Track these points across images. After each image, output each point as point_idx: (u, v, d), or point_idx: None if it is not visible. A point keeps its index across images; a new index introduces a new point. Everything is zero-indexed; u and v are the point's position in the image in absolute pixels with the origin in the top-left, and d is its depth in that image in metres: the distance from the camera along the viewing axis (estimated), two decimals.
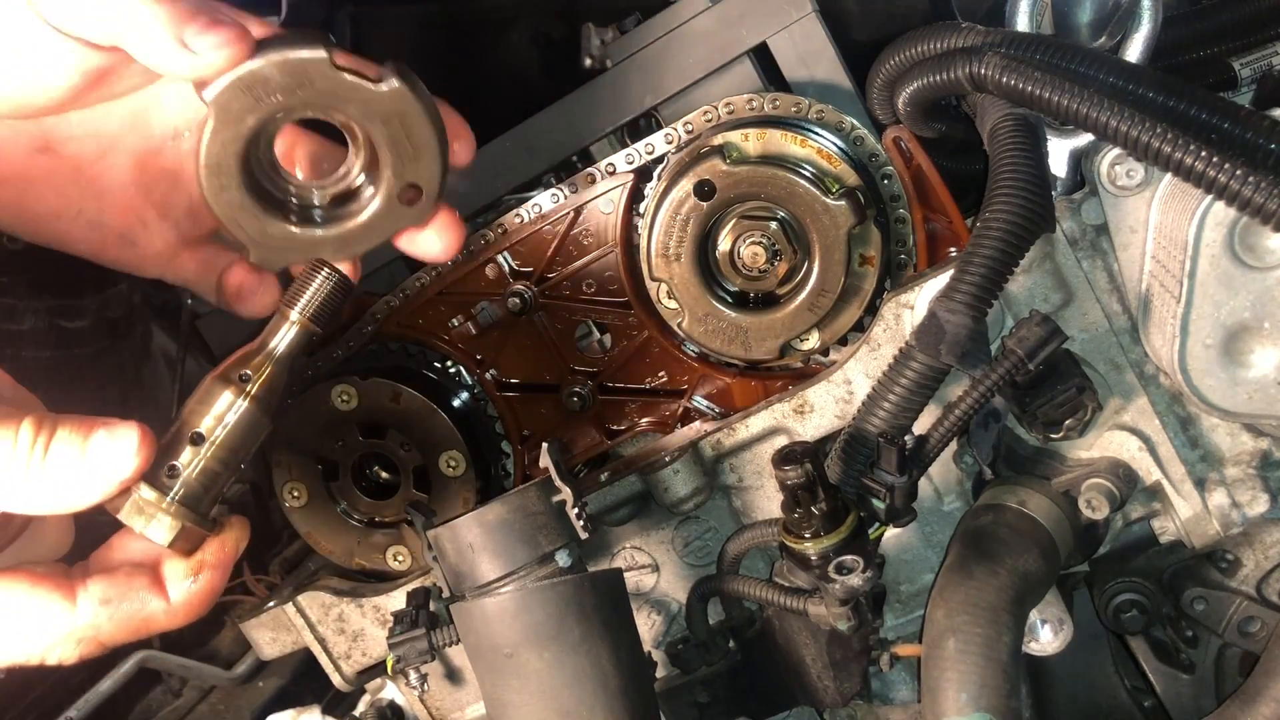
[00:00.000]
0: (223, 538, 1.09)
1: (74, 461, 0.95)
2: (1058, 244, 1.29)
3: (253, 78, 1.02)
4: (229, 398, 1.06)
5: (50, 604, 1.01)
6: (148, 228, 1.18)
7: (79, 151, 1.13)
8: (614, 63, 1.48)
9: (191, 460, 1.05)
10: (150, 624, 1.05)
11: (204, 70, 0.99)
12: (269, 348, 1.10)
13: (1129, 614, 1.48)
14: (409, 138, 1.09)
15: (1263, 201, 1.02)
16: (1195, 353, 1.19)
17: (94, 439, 0.96)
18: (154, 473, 1.04)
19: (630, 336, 1.53)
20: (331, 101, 1.06)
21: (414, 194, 1.12)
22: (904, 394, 1.17)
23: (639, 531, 1.48)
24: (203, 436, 1.06)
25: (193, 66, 0.98)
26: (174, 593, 1.06)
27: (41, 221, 1.14)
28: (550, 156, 1.51)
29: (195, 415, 1.06)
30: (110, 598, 1.03)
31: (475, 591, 1.14)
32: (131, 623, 1.04)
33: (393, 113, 1.07)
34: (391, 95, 1.06)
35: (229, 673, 2.19)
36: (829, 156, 1.37)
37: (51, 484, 0.95)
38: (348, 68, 1.05)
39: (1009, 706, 1.13)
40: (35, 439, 0.94)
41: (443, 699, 1.56)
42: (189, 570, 1.07)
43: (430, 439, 1.50)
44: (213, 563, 1.08)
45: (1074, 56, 1.19)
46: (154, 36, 0.96)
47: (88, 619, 1.02)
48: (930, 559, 1.42)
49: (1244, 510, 1.32)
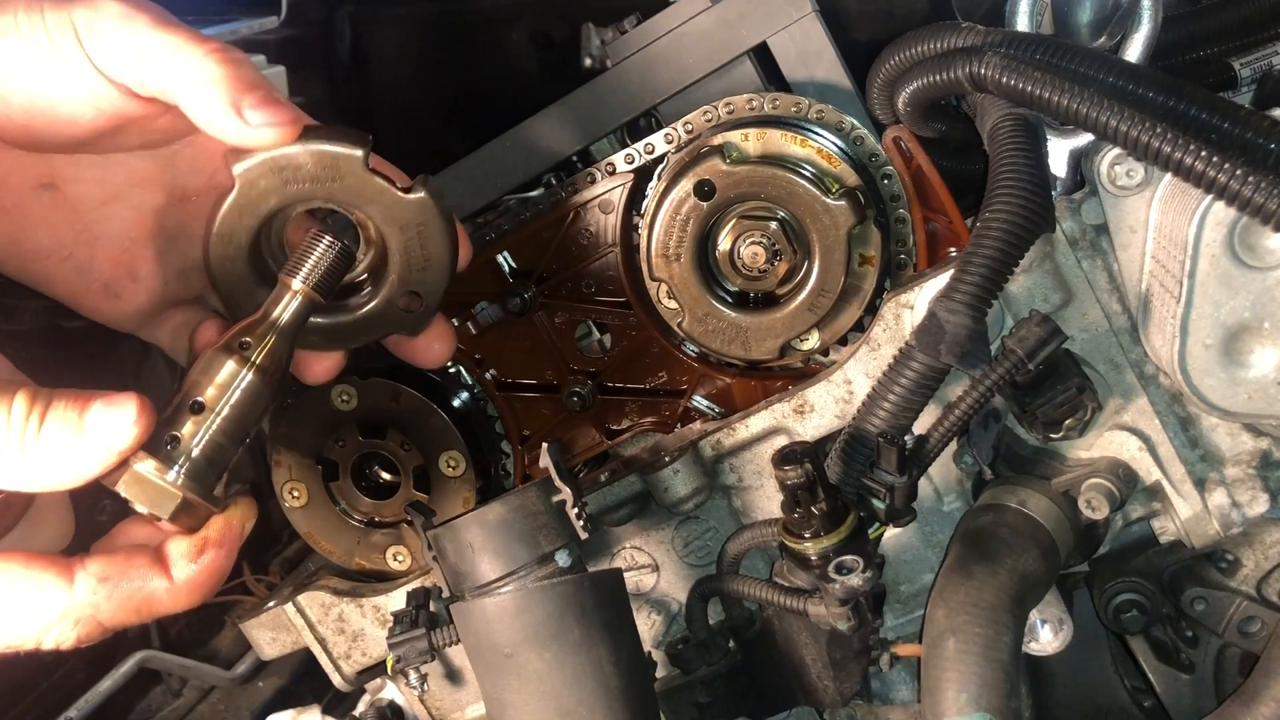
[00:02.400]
0: (229, 515, 1.05)
1: (70, 434, 0.92)
2: (1058, 244, 1.29)
3: (287, 161, 1.03)
4: (232, 367, 1.03)
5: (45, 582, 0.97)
6: (135, 282, 1.17)
7: (82, 195, 1.12)
8: (614, 63, 1.48)
9: (195, 432, 1.01)
10: (152, 604, 1.00)
11: (250, 141, 1.00)
12: (271, 318, 1.07)
13: (1129, 614, 1.48)
14: (423, 248, 1.10)
15: (1263, 201, 1.02)
16: (1195, 353, 1.19)
17: (90, 410, 0.93)
18: (155, 445, 1.00)
19: (630, 336, 1.53)
20: (356, 200, 1.07)
21: (414, 302, 1.13)
22: (904, 394, 1.17)
23: (639, 531, 1.48)
24: (205, 407, 1.02)
25: (240, 135, 0.99)
26: (177, 572, 1.01)
27: (28, 258, 1.12)
28: (550, 156, 1.51)
29: (197, 387, 1.02)
30: (109, 576, 0.98)
31: (475, 591, 1.14)
32: (132, 602, 0.99)
33: (413, 222, 1.09)
34: (417, 205, 1.08)
35: (229, 673, 2.20)
36: (829, 156, 1.37)
37: (48, 458, 0.92)
38: (380, 172, 1.06)
39: (1009, 706, 1.13)
40: (29, 412, 0.92)
41: (443, 699, 1.56)
42: (192, 548, 1.02)
43: (430, 439, 1.50)
44: (217, 540, 1.03)
45: (1074, 56, 1.19)
46: (211, 97, 0.97)
47: (85, 597, 0.97)
48: (930, 559, 1.42)
49: (1244, 510, 1.32)
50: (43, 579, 0.97)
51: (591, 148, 1.53)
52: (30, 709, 2.05)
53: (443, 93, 1.98)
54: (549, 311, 1.53)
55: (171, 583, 1.01)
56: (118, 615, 1.00)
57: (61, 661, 2.16)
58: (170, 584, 1.01)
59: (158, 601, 1.01)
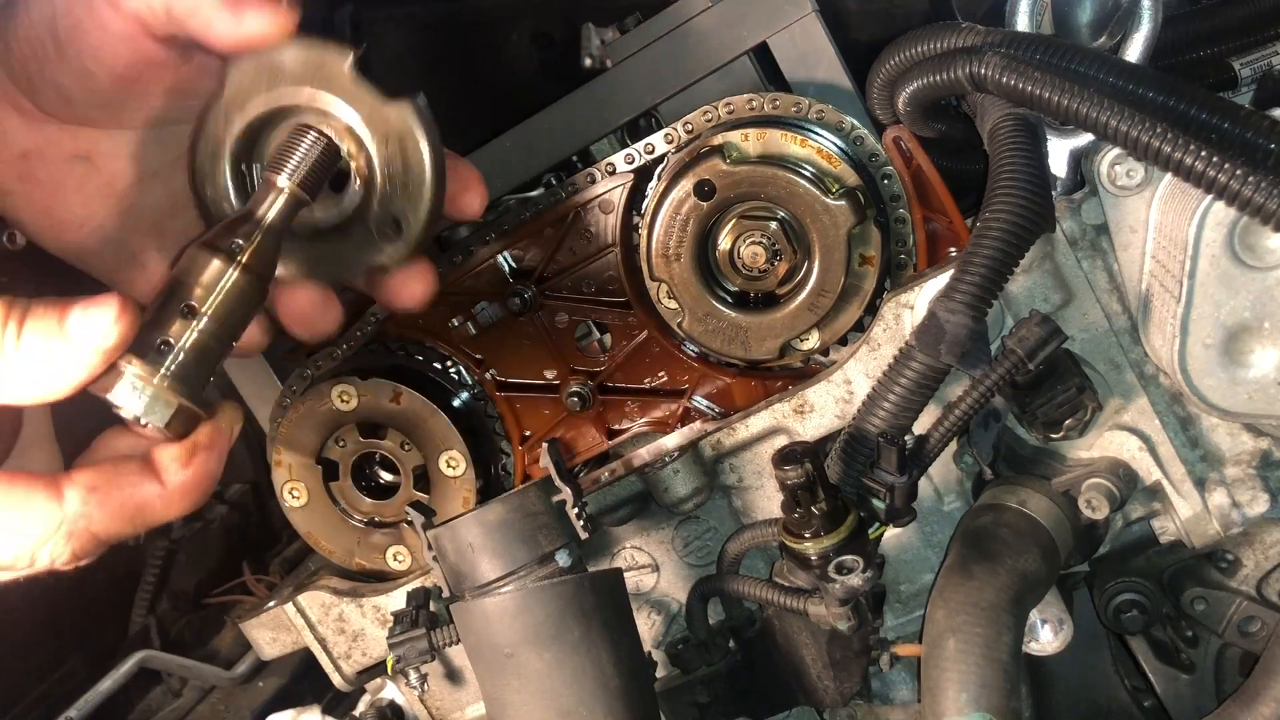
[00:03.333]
0: (217, 420, 1.01)
1: (51, 339, 0.89)
2: (1058, 244, 1.29)
3: (272, 61, 1.02)
4: (218, 266, 0.98)
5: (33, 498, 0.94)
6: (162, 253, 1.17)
7: (116, 170, 1.13)
8: (614, 62, 1.48)
9: (182, 334, 0.96)
10: (145, 511, 0.97)
11: (241, 35, 1.00)
12: (257, 216, 1.02)
13: (1129, 614, 1.48)
14: (404, 166, 1.06)
15: (1263, 201, 1.02)
16: (1195, 353, 1.19)
17: (71, 314, 0.90)
18: (143, 349, 0.95)
19: (630, 336, 1.53)
20: (339, 105, 1.04)
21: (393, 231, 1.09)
22: (904, 394, 1.17)
23: (639, 531, 1.48)
24: (195, 309, 0.97)
25: (232, 31, 0.99)
26: (170, 477, 0.98)
27: (63, 229, 1.13)
28: (550, 156, 1.51)
29: (182, 287, 0.97)
30: (98, 486, 0.95)
31: (475, 591, 1.14)
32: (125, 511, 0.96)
33: (394, 133, 1.05)
34: (397, 114, 1.05)
35: (229, 673, 2.20)
36: (829, 156, 1.37)
37: (30, 365, 0.89)
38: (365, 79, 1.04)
39: (1009, 706, 1.13)
40: (6, 321, 0.89)
41: (443, 699, 1.56)
42: (184, 453, 0.98)
43: (430, 439, 1.50)
44: (208, 444, 1.00)
45: (1074, 56, 1.19)
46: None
47: (76, 509, 0.94)
48: (930, 559, 1.42)
49: (1244, 510, 1.32)
50: (30, 495, 0.94)
51: (591, 148, 1.53)
52: (30, 709, 2.05)
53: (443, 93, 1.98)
54: (549, 311, 1.53)
55: (164, 488, 0.98)
56: (111, 525, 0.97)
57: (62, 661, 2.16)
58: (163, 489, 0.98)
59: (150, 509, 0.98)
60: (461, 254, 1.51)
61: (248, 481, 2.54)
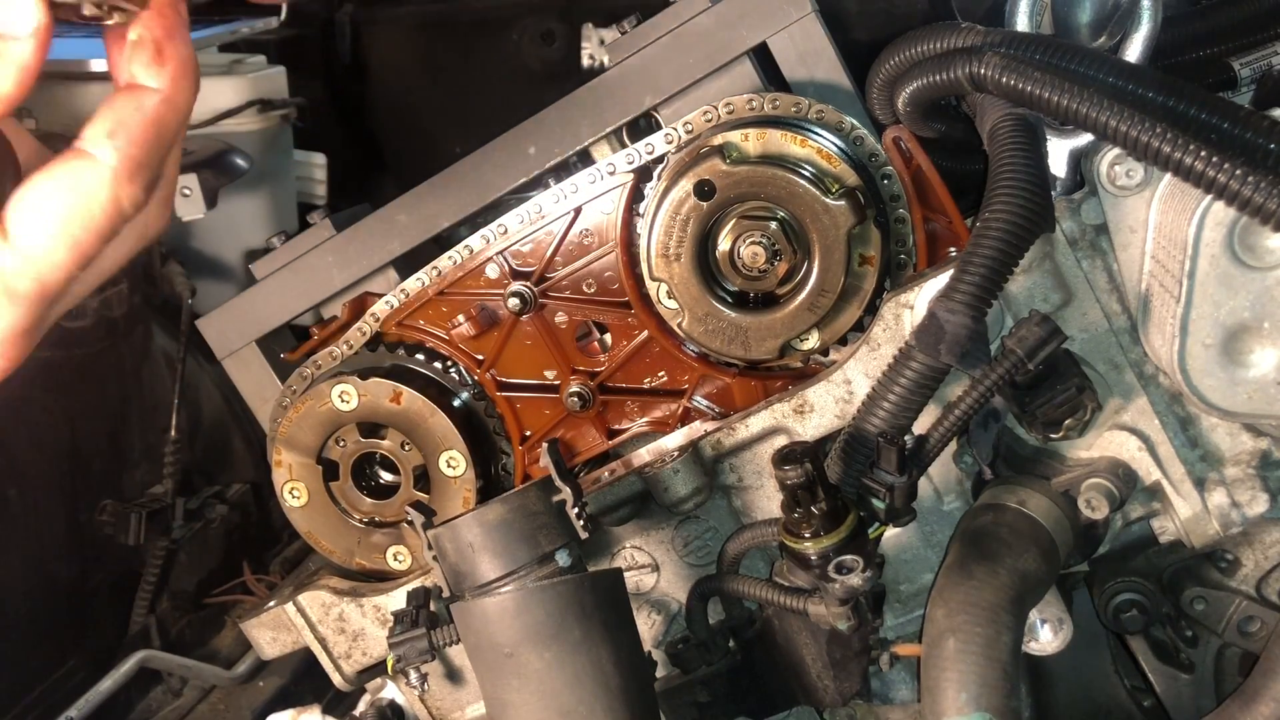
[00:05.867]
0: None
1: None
2: (1057, 244, 1.29)
3: None
4: None
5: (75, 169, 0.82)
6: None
7: None
8: (614, 63, 1.48)
9: None
10: (162, 122, 0.84)
11: None
12: None
13: (1129, 614, 1.48)
14: None
15: (1263, 201, 1.02)
16: (1195, 353, 1.19)
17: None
18: None
19: (630, 336, 1.53)
20: None
21: None
22: (904, 394, 1.17)
23: (639, 531, 1.48)
24: None
25: None
26: (157, 80, 0.84)
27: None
28: (550, 156, 1.51)
29: None
30: (111, 129, 0.83)
31: (475, 591, 1.14)
32: (148, 129, 0.83)
33: None
34: None
35: (229, 673, 2.20)
36: (829, 156, 1.38)
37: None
38: None
39: (1009, 706, 1.13)
40: None
41: (443, 699, 1.56)
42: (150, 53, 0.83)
43: (430, 439, 1.50)
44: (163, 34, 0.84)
45: (1074, 56, 1.19)
46: None
47: (111, 157, 0.82)
48: (930, 559, 1.42)
49: (1244, 510, 1.32)
50: (72, 168, 0.82)
51: (591, 148, 1.53)
52: (30, 709, 2.05)
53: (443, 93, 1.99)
54: (549, 311, 1.53)
55: (160, 90, 0.85)
56: (148, 151, 0.84)
57: (62, 661, 2.16)
58: (159, 91, 0.85)
59: (164, 116, 0.85)
60: (461, 254, 1.52)
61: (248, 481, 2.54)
